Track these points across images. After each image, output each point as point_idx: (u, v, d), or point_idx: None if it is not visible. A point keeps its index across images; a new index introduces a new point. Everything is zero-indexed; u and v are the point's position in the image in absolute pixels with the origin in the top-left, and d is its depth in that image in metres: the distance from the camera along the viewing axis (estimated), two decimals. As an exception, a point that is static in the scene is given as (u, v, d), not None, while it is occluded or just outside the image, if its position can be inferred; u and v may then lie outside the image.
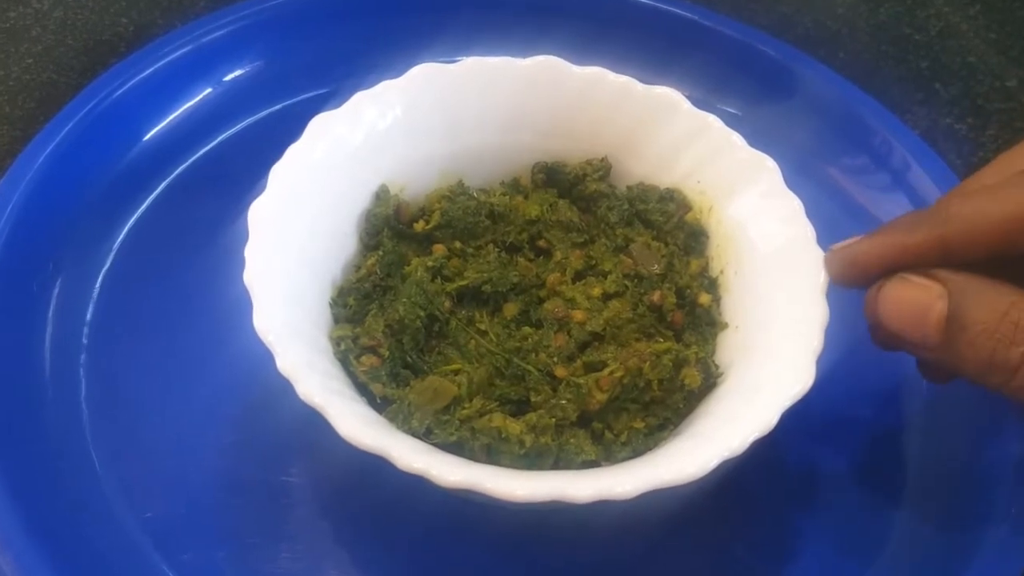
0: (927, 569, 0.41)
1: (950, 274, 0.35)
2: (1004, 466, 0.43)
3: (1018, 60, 0.61)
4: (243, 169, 0.41)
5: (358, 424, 0.34)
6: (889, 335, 0.36)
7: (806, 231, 0.40)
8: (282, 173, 0.40)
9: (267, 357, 0.35)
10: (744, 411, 0.36)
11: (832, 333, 0.38)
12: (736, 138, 0.43)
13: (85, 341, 0.45)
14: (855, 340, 0.44)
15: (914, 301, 0.35)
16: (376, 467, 0.34)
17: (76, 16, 0.58)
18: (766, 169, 0.42)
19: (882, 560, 0.42)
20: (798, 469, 0.44)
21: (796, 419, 0.36)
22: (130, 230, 0.48)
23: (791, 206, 0.41)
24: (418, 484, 0.34)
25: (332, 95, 0.44)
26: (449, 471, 0.34)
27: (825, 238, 0.40)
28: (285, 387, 0.35)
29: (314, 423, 0.35)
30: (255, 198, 0.39)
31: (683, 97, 0.44)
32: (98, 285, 0.47)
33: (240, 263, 0.37)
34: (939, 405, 0.46)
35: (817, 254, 0.39)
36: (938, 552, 0.42)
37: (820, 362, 0.37)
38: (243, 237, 0.38)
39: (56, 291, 0.46)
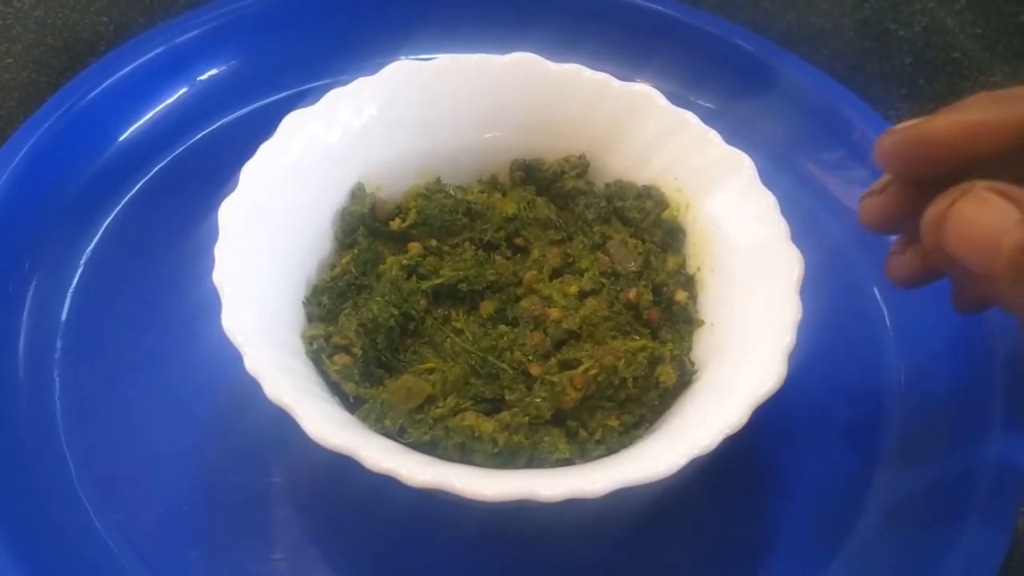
0: (903, 567, 0.41)
1: None
2: (981, 463, 0.42)
3: (1003, 56, 0.60)
4: (220, 168, 0.41)
5: (326, 424, 0.34)
6: (949, 260, 0.32)
7: (780, 229, 0.40)
8: (254, 171, 0.40)
9: (240, 357, 0.35)
10: (715, 409, 0.36)
11: (808, 330, 0.38)
12: (713, 135, 0.43)
13: (59, 342, 0.45)
14: (831, 337, 0.44)
15: (989, 223, 0.30)
16: (350, 466, 0.34)
17: (56, 15, 0.58)
18: (742, 166, 0.42)
19: (857, 558, 0.42)
20: (772, 466, 0.44)
21: (770, 416, 0.36)
22: (106, 230, 0.48)
23: (766, 203, 0.41)
24: (392, 483, 0.34)
25: (309, 93, 0.44)
26: (418, 471, 0.33)
27: (803, 233, 0.40)
28: (258, 387, 0.35)
29: (288, 423, 0.34)
30: (228, 197, 0.39)
31: (660, 94, 0.44)
32: (73, 285, 0.47)
33: (213, 262, 0.37)
34: (916, 401, 0.45)
35: (791, 251, 0.39)
36: (914, 550, 0.41)
37: (795, 359, 0.37)
38: (216, 236, 0.38)
39: (31, 291, 0.46)
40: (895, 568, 0.41)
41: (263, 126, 0.41)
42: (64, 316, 0.46)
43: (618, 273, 0.43)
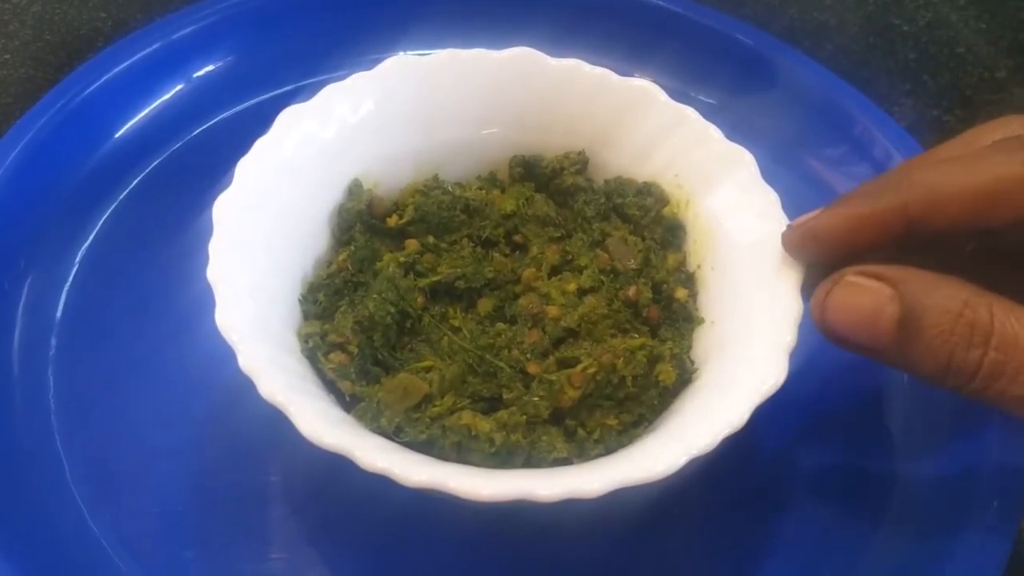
0: (906, 568, 0.41)
1: (900, 272, 0.33)
2: (984, 463, 0.42)
3: (1008, 51, 0.60)
4: (216, 165, 0.41)
5: (320, 423, 0.33)
6: (840, 341, 0.34)
7: (782, 225, 0.39)
8: (249, 167, 0.39)
9: (235, 355, 0.35)
10: (715, 408, 0.36)
11: (809, 328, 0.37)
12: (713, 131, 0.42)
13: (54, 339, 0.44)
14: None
15: (863, 306, 0.33)
16: (346, 465, 0.34)
17: (54, 11, 0.58)
18: (743, 162, 0.41)
19: (860, 559, 0.41)
20: (773, 466, 0.43)
21: (772, 415, 0.36)
22: (102, 227, 0.48)
23: (768, 200, 0.40)
24: (388, 482, 0.34)
25: (305, 89, 0.44)
26: (413, 471, 0.33)
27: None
28: (252, 385, 0.34)
29: (284, 421, 0.34)
30: (224, 193, 0.38)
31: (660, 89, 0.43)
32: (69, 282, 0.46)
33: (207, 259, 0.36)
34: (918, 401, 0.45)
35: None
36: (918, 550, 0.41)
37: (796, 357, 0.36)
38: (211, 233, 0.37)
39: (26, 288, 0.46)
40: (898, 570, 0.41)
41: (259, 122, 0.41)
42: (59, 313, 0.45)
43: (617, 270, 0.42)
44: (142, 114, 0.51)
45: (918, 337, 0.33)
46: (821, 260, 0.36)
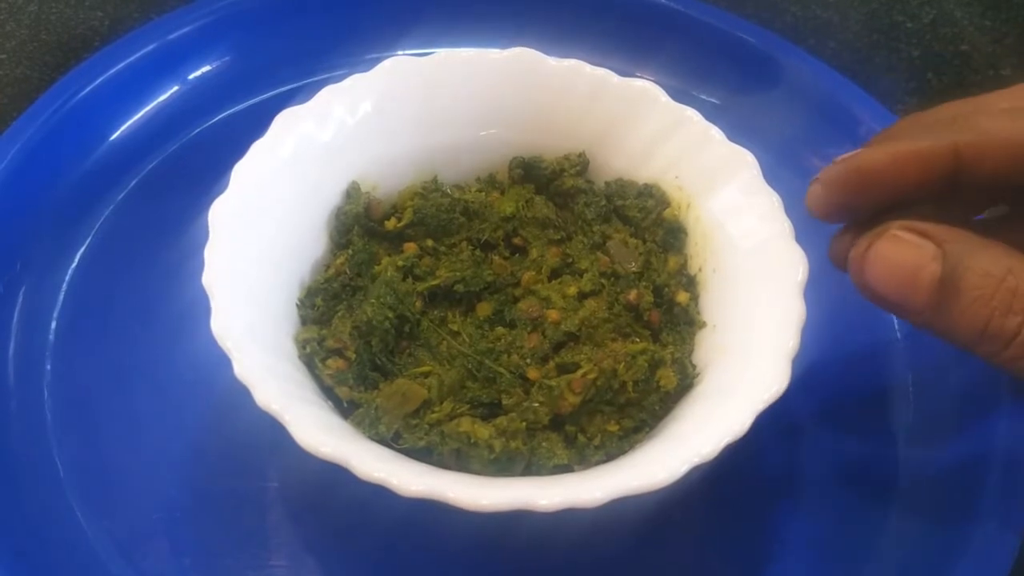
0: (914, 569, 0.40)
1: (946, 232, 0.32)
2: (991, 463, 0.42)
3: (1013, 48, 0.59)
4: (212, 167, 0.40)
5: (317, 432, 0.33)
6: (875, 297, 0.33)
7: (784, 228, 0.39)
8: (245, 170, 0.39)
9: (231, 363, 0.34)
10: (717, 414, 0.35)
11: (813, 332, 0.37)
12: (715, 132, 0.42)
13: (50, 343, 0.44)
14: (837, 339, 0.43)
15: (905, 262, 0.32)
16: (345, 472, 0.33)
17: (50, 11, 0.57)
18: (745, 164, 0.41)
19: (868, 562, 0.41)
20: (777, 473, 0.43)
21: (774, 421, 0.36)
22: (99, 230, 0.47)
23: (770, 202, 0.40)
24: (387, 490, 0.33)
25: (302, 90, 0.43)
26: (411, 480, 0.33)
27: (807, 229, 0.39)
28: (249, 392, 0.34)
29: (281, 428, 0.34)
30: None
31: (661, 90, 0.43)
32: (65, 285, 0.46)
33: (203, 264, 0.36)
34: (923, 401, 0.45)
35: (795, 252, 0.38)
36: (926, 551, 0.41)
37: (800, 360, 0.36)
38: (207, 237, 0.37)
39: (23, 291, 0.45)
40: (909, 568, 0.40)
41: (256, 124, 0.41)
42: (55, 317, 0.45)
43: (618, 274, 0.42)
44: (138, 115, 0.51)
45: (956, 299, 0.32)
46: (859, 202, 0.35)
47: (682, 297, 0.42)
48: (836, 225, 0.37)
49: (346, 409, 0.38)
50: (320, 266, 0.42)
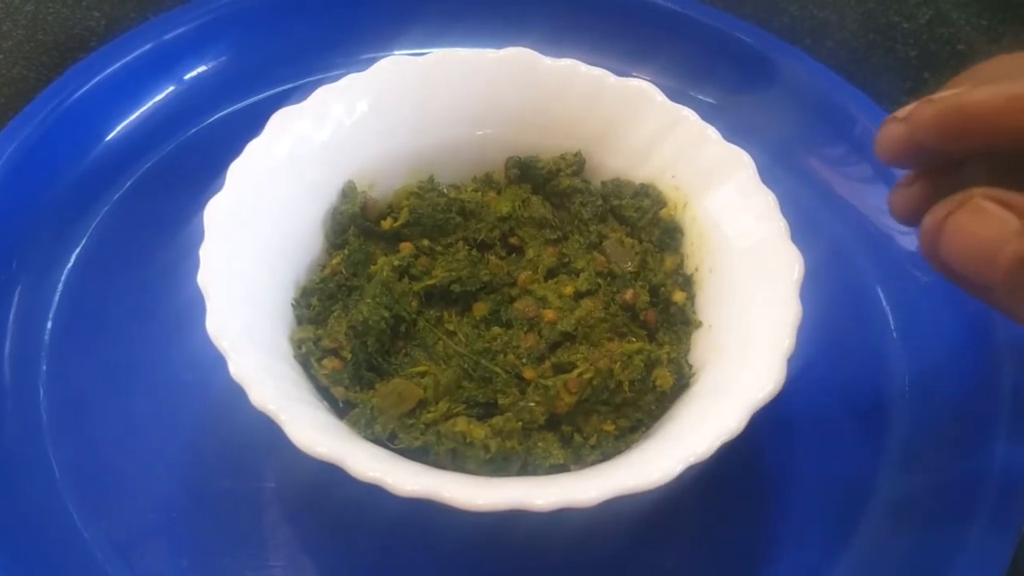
0: (910, 570, 0.40)
1: None
2: (987, 468, 0.41)
3: (1009, 48, 0.59)
4: (209, 167, 0.40)
5: (312, 431, 0.33)
6: (946, 267, 0.31)
7: (780, 227, 0.39)
8: (241, 170, 0.39)
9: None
10: (712, 414, 0.35)
11: (809, 331, 0.37)
12: (711, 132, 0.42)
13: (46, 343, 0.44)
14: (833, 339, 0.44)
15: (986, 236, 0.30)
16: (341, 472, 0.33)
17: (47, 11, 0.57)
18: (741, 164, 0.41)
19: (863, 562, 0.41)
20: (773, 472, 0.43)
21: (771, 420, 0.36)
22: (95, 229, 0.47)
23: (766, 202, 0.40)
24: (382, 490, 0.33)
25: (298, 90, 0.43)
26: (406, 480, 0.33)
27: (804, 229, 0.39)
28: (245, 392, 0.34)
29: (277, 427, 0.34)
30: (216, 196, 0.38)
31: (657, 90, 0.43)
32: (61, 285, 0.46)
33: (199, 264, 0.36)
34: (919, 401, 0.45)
35: (791, 251, 0.38)
36: (921, 552, 0.41)
37: (796, 362, 0.36)
38: (202, 237, 0.37)
39: (19, 291, 0.45)
40: (902, 572, 0.40)
41: (252, 124, 0.41)
42: (51, 317, 0.45)
43: (614, 273, 0.42)
44: (134, 115, 0.50)
45: None
46: (954, 148, 0.32)
47: (678, 297, 0.42)
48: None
49: (342, 409, 0.38)
50: (316, 266, 0.42)
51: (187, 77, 0.52)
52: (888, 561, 0.40)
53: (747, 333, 0.38)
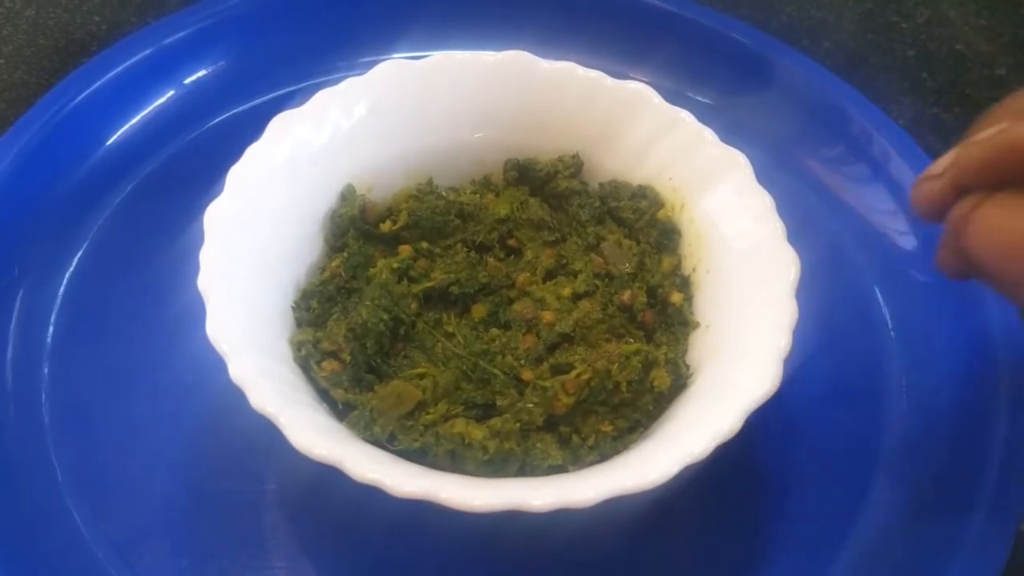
0: (909, 567, 0.40)
1: None
2: (984, 461, 0.42)
3: (1008, 48, 0.60)
4: (209, 171, 0.41)
5: (311, 434, 0.33)
6: (970, 258, 0.31)
7: (777, 228, 0.39)
8: (241, 174, 0.39)
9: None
10: (709, 414, 0.35)
11: (806, 332, 0.37)
12: (708, 133, 0.42)
13: (48, 347, 0.44)
14: (831, 339, 0.44)
15: (1013, 229, 0.29)
16: (340, 473, 0.34)
17: (48, 15, 0.58)
18: (738, 165, 0.41)
19: (861, 561, 0.41)
20: (770, 472, 0.43)
21: (769, 420, 0.36)
22: (96, 233, 0.48)
23: (763, 203, 0.40)
24: (382, 491, 0.33)
25: (298, 94, 0.44)
26: (404, 481, 0.33)
27: (802, 232, 0.40)
28: (244, 394, 0.34)
29: (276, 430, 0.34)
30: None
31: (654, 91, 0.43)
32: (63, 289, 0.46)
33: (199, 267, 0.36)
34: (916, 400, 0.45)
35: (788, 252, 0.38)
36: (920, 550, 0.41)
37: (793, 362, 0.36)
38: (203, 240, 0.37)
39: (21, 294, 0.45)
40: (902, 566, 0.40)
41: (251, 128, 0.41)
42: (53, 321, 0.45)
43: (612, 275, 0.42)
44: (135, 119, 0.51)
45: None
46: (996, 182, 0.31)
47: (676, 298, 0.42)
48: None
49: (341, 411, 0.38)
50: (315, 269, 0.42)
51: (187, 81, 0.52)
52: (886, 561, 0.41)
53: (744, 334, 0.38)
